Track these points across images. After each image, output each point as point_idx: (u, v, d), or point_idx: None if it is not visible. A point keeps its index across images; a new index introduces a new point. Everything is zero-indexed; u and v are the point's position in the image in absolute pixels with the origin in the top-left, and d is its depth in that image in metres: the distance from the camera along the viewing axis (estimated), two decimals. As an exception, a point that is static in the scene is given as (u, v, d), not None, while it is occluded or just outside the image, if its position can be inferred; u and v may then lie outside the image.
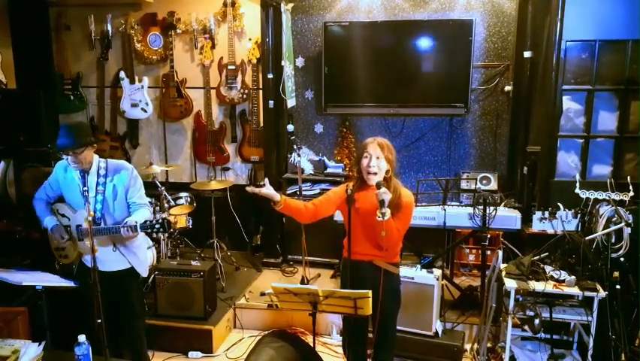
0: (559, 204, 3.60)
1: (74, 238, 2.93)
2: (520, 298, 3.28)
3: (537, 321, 3.19)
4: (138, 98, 5.21)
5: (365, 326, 2.90)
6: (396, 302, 2.86)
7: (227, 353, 3.87)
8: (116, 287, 2.92)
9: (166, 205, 4.40)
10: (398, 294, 2.88)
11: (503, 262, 3.45)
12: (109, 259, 2.92)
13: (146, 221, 2.70)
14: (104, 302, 2.58)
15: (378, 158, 2.68)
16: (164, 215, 2.81)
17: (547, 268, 3.36)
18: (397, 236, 2.67)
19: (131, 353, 3.11)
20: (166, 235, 4.40)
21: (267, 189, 2.65)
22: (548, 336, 3.46)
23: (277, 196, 2.65)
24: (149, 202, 3.13)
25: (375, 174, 2.67)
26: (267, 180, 2.74)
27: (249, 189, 2.67)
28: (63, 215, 2.95)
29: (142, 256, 3.06)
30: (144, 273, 3.09)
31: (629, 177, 3.57)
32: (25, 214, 4.30)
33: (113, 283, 2.90)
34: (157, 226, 2.69)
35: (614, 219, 3.30)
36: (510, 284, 3.25)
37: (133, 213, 2.88)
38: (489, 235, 3.83)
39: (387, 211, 2.53)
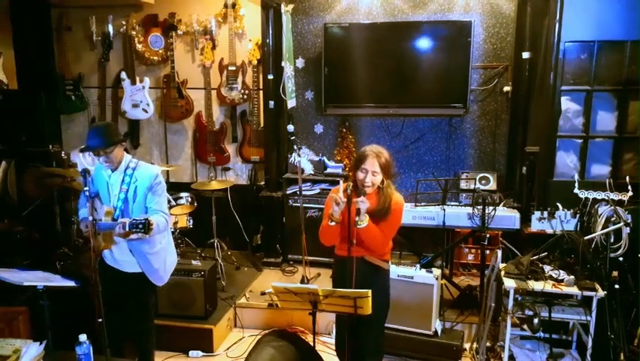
0: (558, 204, 3.61)
1: (94, 232, 2.94)
2: (519, 298, 3.30)
3: (536, 320, 3.20)
4: (139, 99, 5.23)
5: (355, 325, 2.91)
6: (383, 296, 2.87)
7: (227, 352, 3.88)
8: (128, 288, 2.94)
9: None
10: (386, 289, 2.90)
11: (502, 262, 3.46)
12: (124, 260, 2.95)
13: (133, 219, 2.67)
14: (114, 300, 2.58)
15: (374, 174, 2.70)
16: (146, 216, 2.77)
17: (546, 268, 3.37)
18: (383, 239, 2.73)
19: (139, 353, 3.12)
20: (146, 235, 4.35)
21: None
22: (547, 335, 3.47)
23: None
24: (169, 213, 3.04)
25: (370, 187, 2.72)
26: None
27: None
28: (95, 209, 2.97)
29: (157, 263, 2.97)
30: (158, 281, 3.02)
31: (627, 177, 3.58)
32: (26, 214, 4.32)
33: (127, 284, 2.93)
34: (140, 225, 2.65)
35: (612, 219, 3.31)
36: (509, 284, 3.26)
37: None
38: (488, 235, 3.85)
39: (365, 218, 2.63)
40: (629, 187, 3.49)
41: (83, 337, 2.31)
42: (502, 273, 3.38)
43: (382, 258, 2.85)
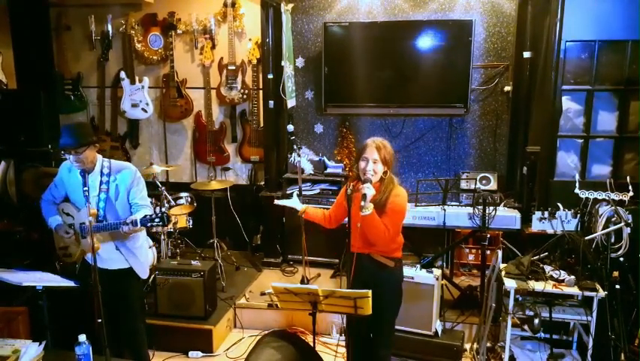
0: (558, 204, 3.61)
1: (78, 236, 2.95)
2: (520, 298, 3.29)
3: (537, 321, 3.19)
4: (138, 99, 5.22)
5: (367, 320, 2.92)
6: (392, 294, 2.88)
7: (227, 352, 3.87)
8: (116, 286, 2.94)
9: (166, 205, 4.41)
10: (393, 287, 2.90)
11: (503, 262, 3.46)
12: (110, 258, 2.96)
13: (145, 215, 2.71)
14: (104, 301, 2.59)
15: (375, 162, 2.74)
16: (163, 209, 2.81)
17: (547, 268, 3.36)
18: (385, 233, 2.71)
19: (131, 353, 3.11)
20: (165, 228, 4.38)
21: (292, 203, 3.01)
22: (548, 336, 3.47)
23: (299, 207, 3.04)
24: (151, 203, 3.13)
25: (372, 176, 2.73)
26: (294, 193, 2.95)
27: (277, 202, 3.08)
28: (67, 214, 2.99)
29: (142, 257, 3.05)
30: (143, 275, 3.08)
31: (628, 177, 3.58)
32: (26, 214, 4.31)
33: (114, 282, 2.93)
34: (156, 220, 2.68)
35: (613, 219, 3.31)
36: (510, 284, 3.26)
37: (134, 213, 2.89)
38: (489, 235, 3.84)
39: (370, 206, 2.63)
40: (630, 187, 3.48)
41: (82, 337, 2.31)
42: (503, 273, 3.37)
43: (390, 255, 2.83)
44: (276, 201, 3.19)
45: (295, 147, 4.57)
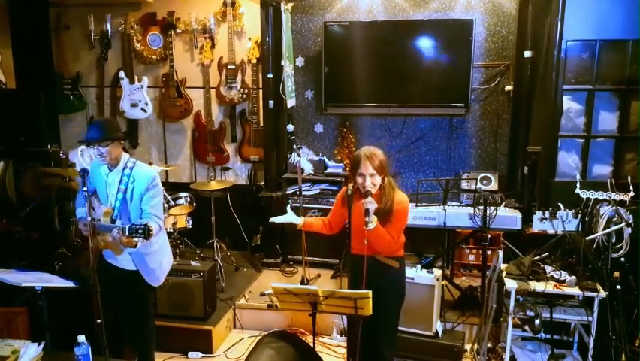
0: (559, 204, 3.60)
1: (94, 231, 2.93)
2: (521, 299, 3.29)
3: (537, 321, 3.19)
4: (138, 98, 5.20)
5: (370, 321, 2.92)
6: (397, 294, 2.89)
7: (227, 353, 3.87)
8: (121, 287, 2.93)
9: (165, 205, 4.39)
10: (398, 286, 2.90)
11: (504, 262, 3.45)
12: (122, 257, 2.94)
13: (132, 225, 2.66)
14: (109, 299, 2.58)
15: (372, 175, 2.71)
16: (151, 223, 2.76)
17: (548, 269, 3.35)
18: (391, 241, 2.72)
19: (137, 353, 3.10)
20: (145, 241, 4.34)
21: (289, 218, 3.06)
22: (549, 336, 3.46)
23: (297, 221, 3.06)
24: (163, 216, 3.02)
25: (371, 188, 2.72)
26: (288, 207, 3.07)
27: (272, 219, 3.10)
28: (92, 208, 2.96)
29: (153, 264, 2.96)
30: (153, 282, 3.00)
31: (629, 177, 3.57)
32: (26, 214, 4.30)
33: (122, 282, 2.93)
34: (139, 231, 2.64)
35: (614, 219, 3.30)
36: (510, 284, 3.25)
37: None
38: (489, 235, 3.83)
39: (374, 219, 2.62)
40: (631, 187, 3.48)
41: (81, 338, 2.31)
42: (504, 273, 3.36)
43: (393, 255, 2.83)
44: (272, 219, 3.11)
45: (295, 146, 4.56)
